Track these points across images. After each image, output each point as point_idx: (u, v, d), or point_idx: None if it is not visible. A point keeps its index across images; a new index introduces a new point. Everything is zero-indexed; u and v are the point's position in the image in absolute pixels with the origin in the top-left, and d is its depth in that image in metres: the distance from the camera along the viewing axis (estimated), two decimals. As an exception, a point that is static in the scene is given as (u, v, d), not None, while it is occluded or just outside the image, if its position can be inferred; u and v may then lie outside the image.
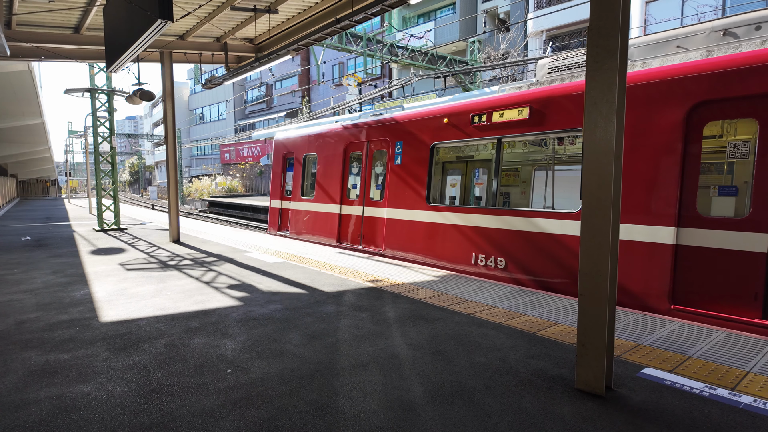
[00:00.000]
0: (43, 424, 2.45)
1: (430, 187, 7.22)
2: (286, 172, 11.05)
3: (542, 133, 5.90)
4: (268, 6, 7.94)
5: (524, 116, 6.00)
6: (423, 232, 7.24)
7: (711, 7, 14.73)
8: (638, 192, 4.95)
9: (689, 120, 4.66)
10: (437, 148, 7.21)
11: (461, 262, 6.65)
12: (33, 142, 27.92)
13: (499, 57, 21.52)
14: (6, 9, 7.40)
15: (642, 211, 4.89)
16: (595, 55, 2.66)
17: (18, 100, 16.91)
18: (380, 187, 8.24)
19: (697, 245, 4.57)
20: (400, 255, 7.62)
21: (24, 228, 12.98)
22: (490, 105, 6.42)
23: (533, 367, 3.18)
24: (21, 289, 5.49)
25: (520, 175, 7.51)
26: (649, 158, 4.89)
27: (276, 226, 11.25)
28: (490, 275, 6.31)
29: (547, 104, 5.80)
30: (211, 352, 3.45)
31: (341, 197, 9.02)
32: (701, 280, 4.54)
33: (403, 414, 2.56)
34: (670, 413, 2.56)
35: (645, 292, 4.85)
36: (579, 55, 6.02)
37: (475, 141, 6.73)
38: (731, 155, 4.66)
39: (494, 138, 6.36)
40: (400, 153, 7.71)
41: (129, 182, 67.16)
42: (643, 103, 4.96)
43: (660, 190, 4.79)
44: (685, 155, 4.68)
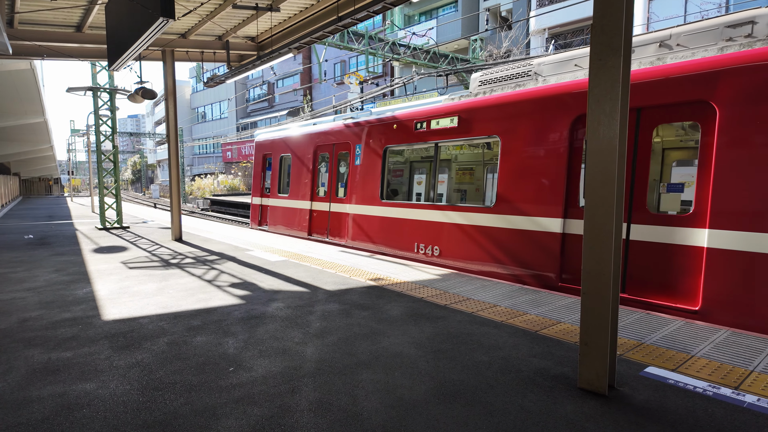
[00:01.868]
0: (46, 421, 2.46)
1: (383, 185, 8.14)
2: (266, 171, 11.86)
3: (467, 139, 6.79)
4: (270, 4, 7.92)
5: (454, 124, 6.85)
6: (378, 225, 8.10)
7: (714, 4, 14.66)
8: (538, 188, 5.80)
9: (573, 128, 5.50)
10: (389, 150, 8.09)
11: (406, 251, 7.57)
12: (35, 141, 28.00)
13: (501, 55, 21.46)
14: (8, 7, 7.41)
15: (542, 205, 5.74)
16: (599, 52, 2.64)
17: (20, 98, 16.95)
18: (344, 185, 9.11)
19: (578, 233, 5.42)
20: (361, 245, 8.50)
21: (27, 226, 13.02)
22: (429, 113, 7.28)
23: (535, 365, 3.18)
24: (24, 288, 5.50)
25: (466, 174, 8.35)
26: (545, 159, 5.73)
27: (257, 221, 12.06)
28: (428, 261, 7.12)
29: (471, 114, 6.65)
30: (214, 351, 3.45)
31: (312, 194, 9.92)
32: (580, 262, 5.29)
33: (405, 412, 2.55)
34: (674, 412, 2.55)
35: (542, 272, 5.71)
36: (505, 70, 6.73)
37: (418, 145, 7.63)
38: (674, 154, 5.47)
39: (432, 143, 7.28)
40: (360, 155, 8.59)
41: (131, 181, 67.30)
42: (542, 113, 5.76)
43: (553, 187, 5.62)
44: (570, 158, 5.53)
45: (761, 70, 4.20)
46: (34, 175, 47.10)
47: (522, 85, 6.38)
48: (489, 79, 6.82)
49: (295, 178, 10.46)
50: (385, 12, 6.46)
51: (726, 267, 4.35)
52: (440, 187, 7.55)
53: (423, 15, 28.51)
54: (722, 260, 4.36)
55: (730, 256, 4.32)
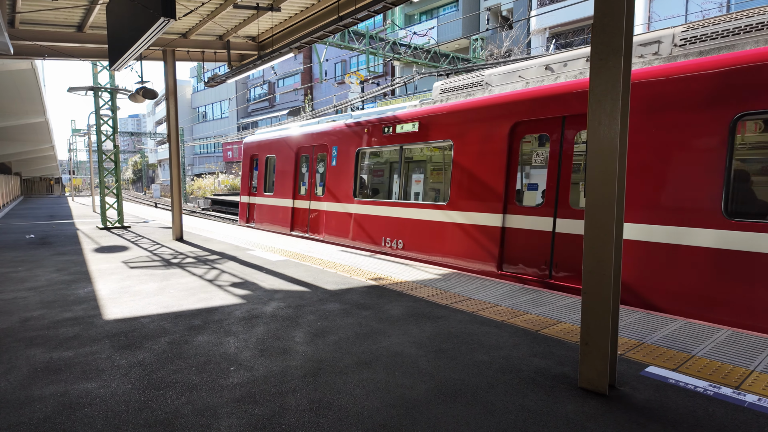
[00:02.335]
0: (48, 420, 2.47)
1: (356, 184, 8.81)
2: (253, 171, 12.61)
3: (426, 142, 7.50)
4: (271, 4, 7.92)
5: (416, 129, 7.55)
6: (351, 221, 8.79)
7: (716, 4, 14.64)
8: (482, 187, 6.48)
9: (511, 134, 6.19)
10: (361, 152, 8.79)
11: (375, 245, 8.19)
12: (36, 141, 28.02)
13: (502, 54, 21.45)
14: (9, 7, 7.42)
15: (486, 202, 6.44)
16: (600, 52, 2.64)
17: (22, 98, 16.96)
18: (322, 185, 9.75)
19: (514, 227, 6.13)
20: (336, 240, 9.17)
21: (28, 226, 13.04)
22: (395, 119, 7.96)
23: (536, 365, 3.18)
24: (25, 287, 5.51)
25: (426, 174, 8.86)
26: (489, 162, 6.42)
27: (245, 218, 12.80)
28: (393, 254, 7.82)
29: (429, 120, 7.36)
30: (215, 350, 3.46)
31: (294, 193, 10.67)
32: (521, 252, 6.06)
33: (406, 412, 2.56)
34: (674, 412, 2.55)
35: (485, 261, 6.40)
36: (461, 80, 7.37)
37: (386, 147, 8.29)
38: (536, 161, 6.17)
39: (398, 145, 7.94)
40: (336, 156, 9.28)
41: (132, 180, 67.37)
42: (488, 121, 6.44)
43: (493, 187, 6.34)
44: (509, 161, 6.20)
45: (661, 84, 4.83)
46: (35, 175, 47.16)
47: (472, 94, 7.07)
48: (447, 88, 7.54)
49: (279, 178, 11.16)
50: (386, 11, 6.54)
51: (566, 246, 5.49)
52: (404, 186, 8.19)
53: (424, 14, 28.51)
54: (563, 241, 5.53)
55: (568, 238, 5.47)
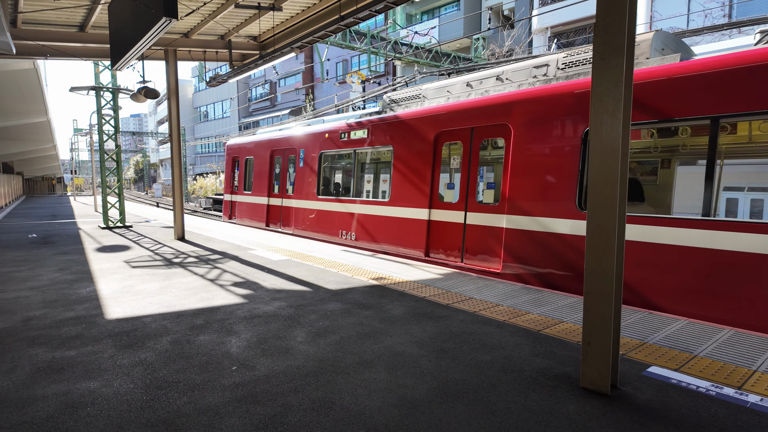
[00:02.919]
0: (51, 420, 2.47)
1: (318, 183, 9.95)
2: (234, 171, 13.66)
3: (373, 147, 8.52)
4: (272, 3, 7.92)
5: (365, 135, 8.62)
6: (315, 216, 9.99)
7: (718, 3, 14.60)
8: (413, 186, 7.57)
9: (435, 141, 7.26)
10: (323, 155, 9.90)
11: (333, 236, 9.34)
12: (38, 140, 28.07)
13: (504, 54, 21.42)
14: (12, 7, 7.43)
15: (417, 199, 7.51)
16: (602, 51, 2.64)
17: (24, 98, 16.99)
18: (292, 184, 10.90)
19: (437, 220, 7.22)
20: (303, 233, 10.34)
21: (30, 225, 13.07)
22: (350, 126, 9.08)
23: (538, 365, 3.18)
24: (28, 286, 5.52)
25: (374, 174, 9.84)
26: (418, 164, 7.50)
27: (227, 215, 14.00)
28: (346, 244, 8.93)
29: (375, 128, 8.41)
30: (217, 350, 3.47)
31: (269, 191, 11.75)
32: (441, 240, 7.14)
33: (408, 412, 2.56)
34: (676, 412, 2.55)
35: (416, 249, 7.50)
36: (405, 92, 8.42)
37: (342, 151, 9.40)
38: (453, 164, 7.18)
39: (352, 149, 9.04)
40: (303, 158, 10.42)
41: (134, 180, 67.47)
42: (418, 129, 7.57)
43: (423, 186, 7.42)
44: (433, 164, 7.28)
45: (534, 102, 5.98)
46: (37, 174, 47.24)
47: (409, 106, 8.17)
48: (393, 99, 8.66)
49: (256, 177, 12.29)
50: (387, 11, 6.58)
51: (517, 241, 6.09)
52: (357, 185, 9.22)
53: (425, 14, 28.48)
54: (516, 236, 6.12)
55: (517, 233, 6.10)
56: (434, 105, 7.53)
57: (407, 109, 8.06)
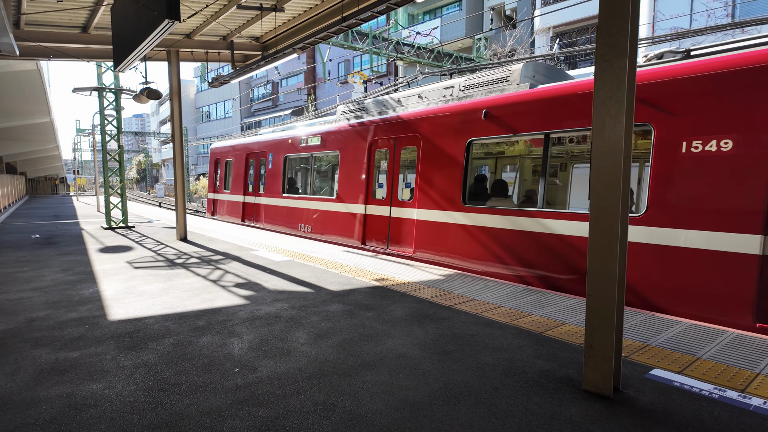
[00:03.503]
0: (54, 422, 2.48)
1: (284, 183, 11.31)
2: (217, 172, 15.06)
3: (325, 152, 10.04)
4: (274, 4, 7.93)
5: (319, 142, 10.07)
6: (281, 211, 11.28)
7: (721, 3, 14.55)
8: (356, 186, 8.89)
9: (370, 147, 8.66)
10: (288, 158, 11.24)
11: (294, 229, 10.70)
12: (41, 141, 28.15)
13: (506, 54, 21.39)
14: (15, 9, 7.45)
15: (357, 196, 8.85)
16: (605, 54, 2.63)
17: (27, 99, 17.04)
18: (263, 183, 12.23)
19: (371, 214, 8.57)
20: (270, 227, 11.67)
21: (33, 226, 13.11)
22: (308, 134, 10.49)
23: (540, 367, 3.17)
24: (31, 287, 5.54)
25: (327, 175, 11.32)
26: (358, 167, 8.85)
27: (210, 212, 15.49)
28: (304, 236, 10.28)
29: (327, 136, 9.84)
30: (219, 351, 3.47)
31: (244, 190, 13.14)
32: (373, 231, 8.49)
33: (410, 414, 2.56)
34: (679, 415, 2.54)
35: (354, 238, 8.83)
36: (352, 105, 9.82)
37: (302, 155, 10.75)
38: (382, 168, 8.45)
39: (309, 154, 10.52)
40: (271, 161, 11.80)
41: (136, 180, 67.63)
42: (358, 137, 8.96)
43: (361, 185, 8.76)
44: (368, 167, 8.65)
45: (436, 119, 7.31)
46: (40, 175, 47.38)
47: (359, 117, 9.44)
48: (343, 111, 10.06)
49: (234, 178, 13.72)
50: (389, 12, 6.61)
51: (428, 231, 7.35)
52: (312, 184, 10.76)
53: (427, 14, 28.47)
54: (427, 228, 7.37)
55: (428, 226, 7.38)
56: (370, 118, 8.94)
57: (354, 120, 9.46)
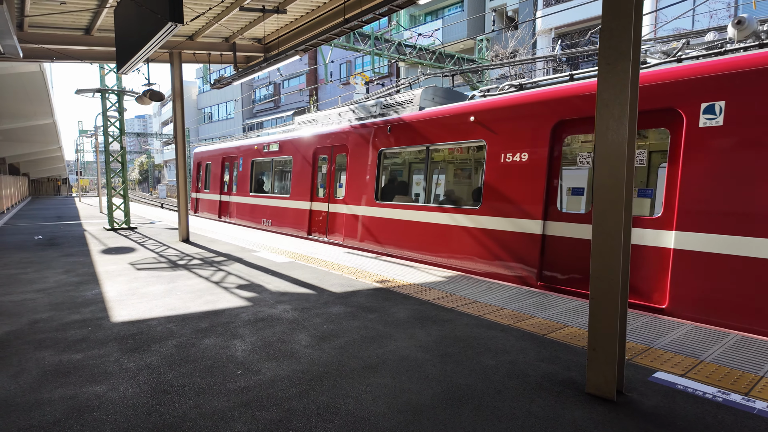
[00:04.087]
0: (57, 424, 2.49)
1: (251, 183, 13.03)
2: (199, 174, 17.02)
3: (282, 157, 11.63)
4: (277, 6, 7.95)
5: (278, 149, 11.71)
6: (248, 208, 13.01)
7: (724, 4, 14.53)
8: (304, 186, 10.46)
9: (314, 154, 10.30)
10: (254, 162, 12.98)
11: (258, 223, 12.39)
12: (44, 142, 28.27)
13: (508, 55, 21.38)
14: (18, 11, 7.49)
15: (305, 194, 10.47)
16: (607, 56, 2.63)
17: (30, 100, 17.12)
18: (235, 184, 14.00)
19: (314, 209, 10.24)
20: (239, 222, 13.48)
21: (36, 227, 13.15)
22: (269, 141, 12.23)
23: (543, 370, 3.17)
24: (34, 289, 5.56)
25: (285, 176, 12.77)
26: (306, 170, 10.50)
27: (194, 209, 17.21)
28: (265, 229, 11.87)
29: (283, 144, 11.51)
30: (222, 353, 3.48)
31: (220, 190, 14.92)
32: (316, 224, 10.11)
33: (413, 417, 2.56)
34: (683, 418, 2.53)
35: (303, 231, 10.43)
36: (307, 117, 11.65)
37: (265, 159, 12.49)
38: (323, 171, 10.07)
39: (270, 158, 12.29)
40: (241, 164, 13.53)
41: (138, 181, 67.75)
42: (306, 145, 10.57)
43: (307, 185, 10.36)
44: (313, 170, 10.30)
45: (359, 131, 8.96)
46: (42, 176, 47.53)
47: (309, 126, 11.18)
48: (299, 121, 11.92)
49: (212, 179, 15.57)
50: (391, 13, 6.63)
51: (353, 222, 8.97)
52: (272, 184, 12.49)
53: (429, 15, 28.48)
54: (352, 220, 8.97)
55: (353, 218, 8.98)
56: (317, 129, 10.55)
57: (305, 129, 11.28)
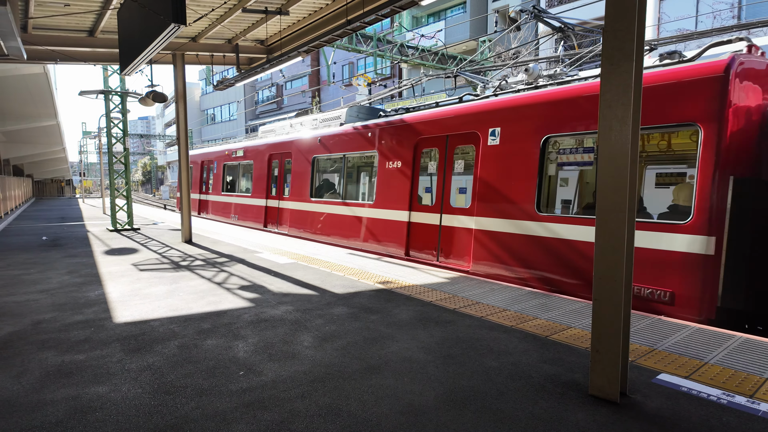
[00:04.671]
0: (60, 425, 2.49)
1: (223, 183, 15.10)
2: None
3: (245, 161, 13.63)
4: (280, 8, 7.97)
5: (242, 155, 13.76)
6: (221, 205, 15.10)
7: (727, 4, 14.48)
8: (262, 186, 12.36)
9: (269, 160, 12.18)
10: (225, 165, 15.07)
11: (227, 218, 14.54)
12: (48, 143, 28.38)
13: (510, 56, 21.37)
14: (22, 13, 7.52)
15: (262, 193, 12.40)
16: (611, 57, 2.62)
17: (34, 101, 17.19)
18: (211, 184, 16.13)
19: (269, 206, 12.16)
20: (213, 217, 15.62)
21: (40, 228, 13.19)
22: (237, 148, 14.28)
23: (546, 372, 3.16)
24: (37, 289, 5.57)
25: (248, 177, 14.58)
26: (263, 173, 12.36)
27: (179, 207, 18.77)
28: (233, 223, 13.96)
29: (247, 150, 13.52)
30: (224, 354, 3.48)
31: (200, 190, 16.97)
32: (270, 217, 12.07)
33: (415, 419, 2.55)
34: (687, 420, 2.52)
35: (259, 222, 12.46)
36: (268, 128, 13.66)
37: (233, 162, 14.46)
38: (275, 173, 11.97)
39: (238, 162, 14.20)
40: (216, 167, 15.65)
41: (141, 182, 67.95)
42: (263, 151, 12.52)
43: (264, 185, 12.28)
44: (268, 173, 12.18)
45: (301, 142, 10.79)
46: (46, 177, 47.72)
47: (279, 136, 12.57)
48: (263, 130, 13.79)
49: (194, 180, 17.56)
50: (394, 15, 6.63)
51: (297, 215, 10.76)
52: (238, 185, 14.46)
53: (431, 16, 28.48)
54: (296, 214, 10.78)
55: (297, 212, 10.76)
56: (272, 138, 12.48)
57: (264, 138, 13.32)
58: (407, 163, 7.74)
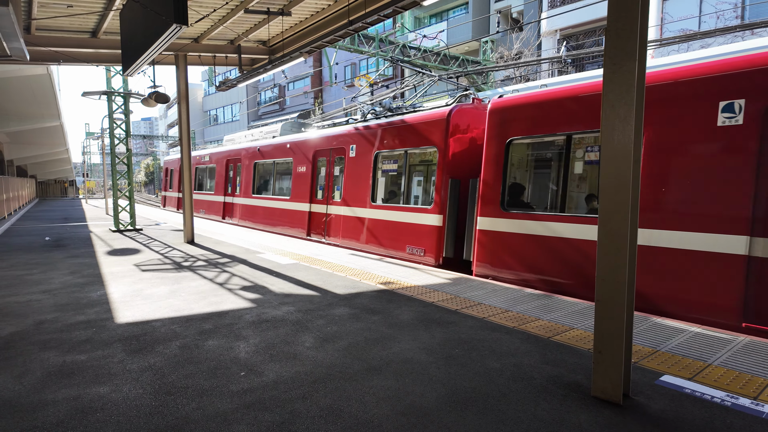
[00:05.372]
0: (61, 425, 2.49)
1: (195, 184, 16.91)
2: (166, 177, 21.91)
3: (210, 165, 15.88)
4: (282, 9, 7.97)
5: (208, 160, 15.72)
6: (206, 203, 16.51)
7: (730, 5, 14.43)
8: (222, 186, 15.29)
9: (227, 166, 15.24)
10: (197, 168, 17.50)
11: (198, 213, 16.74)
12: (51, 144, 28.47)
13: (513, 57, 21.34)
14: (25, 14, 7.55)
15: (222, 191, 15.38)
16: (613, 56, 2.61)
17: (37, 102, 17.25)
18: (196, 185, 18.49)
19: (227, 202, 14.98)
20: (197, 215, 16.88)
21: (43, 228, 13.23)
22: (204, 153, 16.65)
23: (548, 373, 3.14)
24: (40, 290, 5.58)
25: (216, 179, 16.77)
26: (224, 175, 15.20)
27: (163, 205, 22.30)
28: (201, 217, 16.33)
29: (211, 156, 15.93)
30: (225, 355, 3.47)
31: (178, 189, 18.67)
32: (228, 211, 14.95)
33: (417, 420, 2.54)
34: (690, 422, 2.50)
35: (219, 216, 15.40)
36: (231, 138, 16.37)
37: (203, 166, 16.73)
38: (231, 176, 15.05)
39: (205, 166, 16.41)
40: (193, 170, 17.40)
41: (144, 183, 68.12)
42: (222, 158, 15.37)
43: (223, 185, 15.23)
44: (227, 176, 15.16)
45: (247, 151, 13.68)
46: (49, 177, 47.91)
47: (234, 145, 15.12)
48: (227, 139, 16.36)
49: (174, 181, 19.86)
50: (396, 15, 6.65)
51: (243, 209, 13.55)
52: (207, 184, 16.72)
53: (433, 17, 28.48)
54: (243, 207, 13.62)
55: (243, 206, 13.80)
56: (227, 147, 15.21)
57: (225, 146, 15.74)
58: (308, 169, 10.72)
